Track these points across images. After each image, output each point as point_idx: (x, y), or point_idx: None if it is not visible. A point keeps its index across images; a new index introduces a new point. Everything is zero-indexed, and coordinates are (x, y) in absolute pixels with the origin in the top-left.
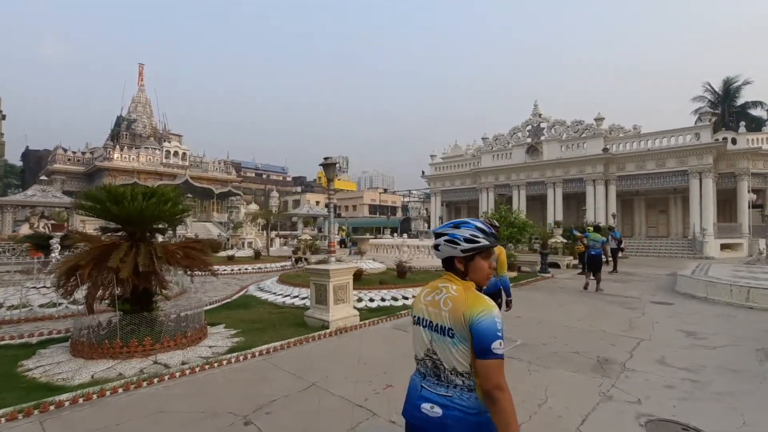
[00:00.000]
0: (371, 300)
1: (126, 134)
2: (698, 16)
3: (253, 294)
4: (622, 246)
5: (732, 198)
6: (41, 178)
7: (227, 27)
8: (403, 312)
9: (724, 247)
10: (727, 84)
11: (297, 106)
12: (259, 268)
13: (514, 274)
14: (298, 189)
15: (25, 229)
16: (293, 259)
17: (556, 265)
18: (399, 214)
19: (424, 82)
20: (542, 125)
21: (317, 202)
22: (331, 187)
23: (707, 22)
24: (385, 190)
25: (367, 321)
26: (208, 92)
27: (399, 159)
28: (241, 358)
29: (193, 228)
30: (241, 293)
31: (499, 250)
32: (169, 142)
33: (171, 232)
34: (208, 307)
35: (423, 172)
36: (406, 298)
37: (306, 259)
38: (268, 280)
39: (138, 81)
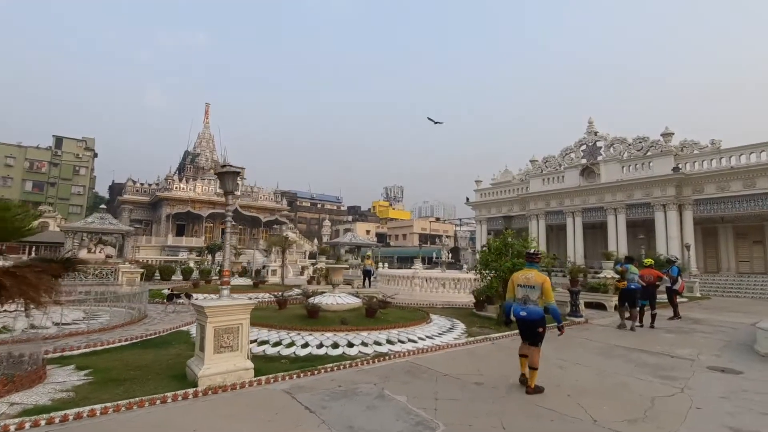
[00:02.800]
0: (305, 346)
1: (190, 167)
2: None
3: (189, 330)
4: (677, 287)
5: None
6: (101, 206)
7: (305, 64)
8: (330, 366)
9: None
10: None
11: (366, 135)
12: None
13: None
14: (350, 218)
15: (83, 253)
16: (302, 289)
17: (601, 306)
18: (451, 243)
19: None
20: (599, 144)
21: (367, 231)
22: (230, 200)
23: None
24: (437, 219)
25: (261, 378)
26: (277, 125)
27: (460, 187)
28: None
29: (242, 256)
30: (175, 329)
31: (543, 279)
32: None
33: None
34: (121, 343)
35: (467, 199)
36: (351, 345)
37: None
38: None
39: (204, 119)
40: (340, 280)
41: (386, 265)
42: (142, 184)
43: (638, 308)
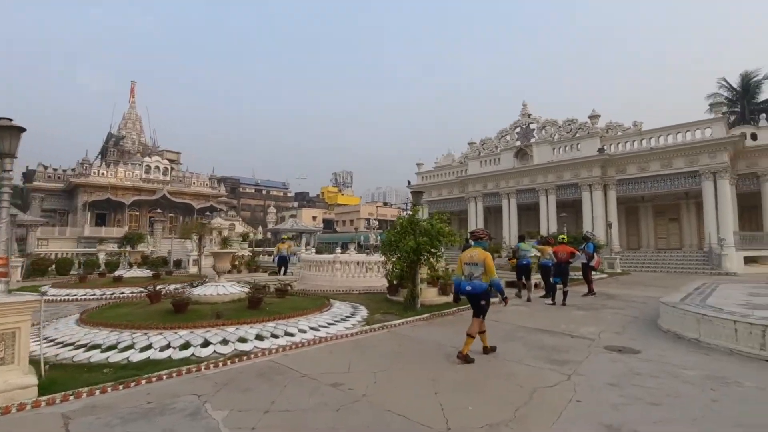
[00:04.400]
0: (145, 348)
1: (114, 151)
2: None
3: None
4: (592, 263)
5: (757, 203)
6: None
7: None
8: (159, 374)
9: (748, 260)
10: (746, 79)
11: (314, 119)
12: (112, 294)
13: (447, 298)
14: (296, 204)
15: None
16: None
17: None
18: None
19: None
20: (532, 126)
21: (314, 217)
22: (7, 165)
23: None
24: (385, 204)
25: (44, 398)
26: (215, 110)
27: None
28: None
29: (162, 245)
30: None
31: (484, 256)
32: (161, 158)
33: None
34: None
35: (409, 182)
36: (207, 345)
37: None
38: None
39: (130, 98)
40: (226, 267)
41: (312, 250)
42: (55, 170)
43: (551, 284)
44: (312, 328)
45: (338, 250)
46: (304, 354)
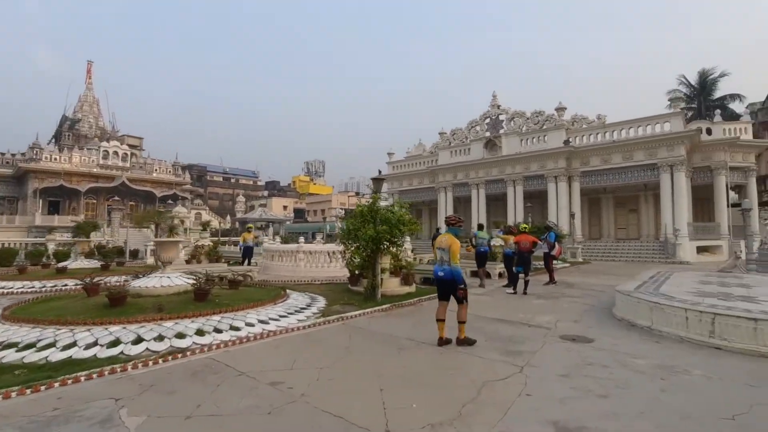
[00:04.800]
0: (69, 347)
1: (69, 135)
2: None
3: None
4: (554, 252)
5: (710, 195)
6: None
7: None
8: (76, 376)
9: (701, 249)
10: (703, 76)
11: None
12: (54, 287)
13: (409, 288)
14: (266, 193)
15: None
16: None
17: (487, 275)
18: None
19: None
20: (501, 117)
21: (285, 207)
22: None
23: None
24: (357, 194)
25: None
26: (184, 95)
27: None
28: None
29: (121, 234)
30: None
31: (451, 241)
32: (121, 143)
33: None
34: None
35: (380, 172)
36: (140, 341)
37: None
38: None
39: (86, 79)
40: (172, 257)
41: (278, 240)
42: (2, 154)
43: (514, 274)
44: (261, 322)
45: (301, 239)
46: (246, 350)
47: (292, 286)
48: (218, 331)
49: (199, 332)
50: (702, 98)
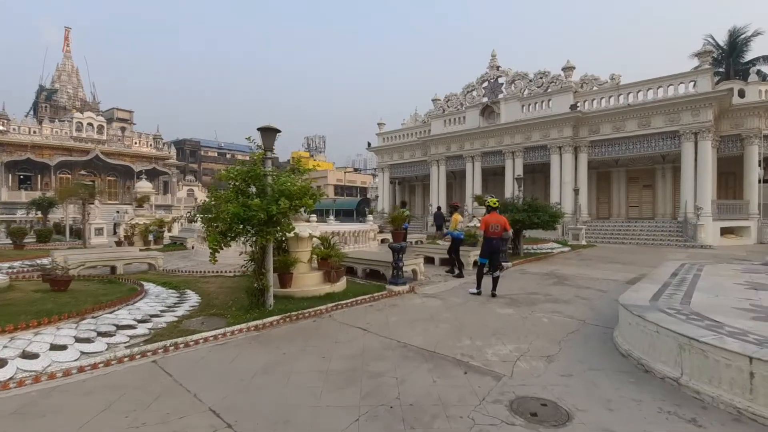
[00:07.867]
0: None
1: (46, 106)
2: None
3: None
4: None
5: (737, 169)
6: None
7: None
8: None
9: (725, 231)
10: (733, 36)
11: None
12: None
13: (333, 287)
14: None
15: None
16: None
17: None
18: (369, 195)
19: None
20: (500, 80)
21: None
22: None
23: None
24: (356, 170)
25: None
26: (181, 68)
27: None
28: None
29: (95, 212)
30: None
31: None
32: (96, 114)
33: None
34: None
35: (369, 144)
36: None
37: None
38: None
39: (63, 47)
40: None
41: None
42: None
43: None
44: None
45: None
46: None
47: (192, 279)
48: None
49: None
50: (731, 60)
